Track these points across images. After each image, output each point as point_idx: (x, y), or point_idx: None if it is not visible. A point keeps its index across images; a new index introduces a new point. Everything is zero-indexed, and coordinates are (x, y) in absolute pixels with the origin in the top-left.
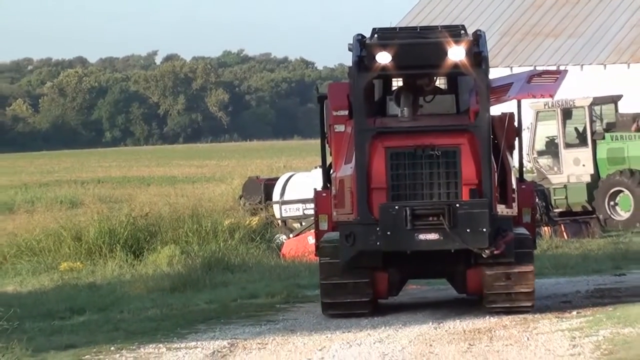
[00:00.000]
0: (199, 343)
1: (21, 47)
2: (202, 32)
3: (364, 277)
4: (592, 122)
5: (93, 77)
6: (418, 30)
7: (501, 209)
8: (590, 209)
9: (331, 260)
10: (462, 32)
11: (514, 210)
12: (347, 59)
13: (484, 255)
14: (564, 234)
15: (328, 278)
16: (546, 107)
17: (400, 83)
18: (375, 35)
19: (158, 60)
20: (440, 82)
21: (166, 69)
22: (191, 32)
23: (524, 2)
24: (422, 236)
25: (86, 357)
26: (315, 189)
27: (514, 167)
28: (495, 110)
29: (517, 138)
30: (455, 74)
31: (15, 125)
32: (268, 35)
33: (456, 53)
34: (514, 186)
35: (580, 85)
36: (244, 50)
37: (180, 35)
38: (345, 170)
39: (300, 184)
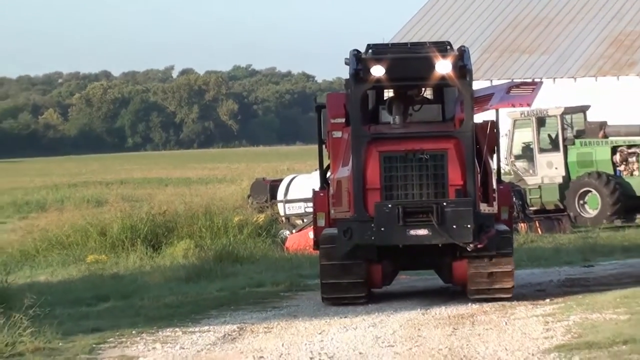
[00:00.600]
0: (211, 327)
1: (52, 61)
2: (214, 48)
3: (359, 268)
4: (563, 129)
5: (116, 89)
6: (408, 45)
7: (483, 207)
8: (561, 207)
9: (330, 253)
10: (448, 47)
11: (494, 208)
12: (344, 72)
13: (468, 249)
14: (539, 229)
15: (327, 270)
16: (522, 115)
17: (392, 93)
18: (370, 51)
19: (175, 73)
20: (428, 93)
21: (182, 82)
22: (204, 48)
23: (503, 22)
24: (412, 232)
25: (110, 339)
26: (313, 189)
27: (494, 169)
28: (478, 118)
29: (497, 143)
30: (441, 85)
31: (47, 132)
32: (273, 52)
33: (443, 66)
34: (494, 186)
35: (552, 97)
36: (252, 65)
37: (195, 51)
38: (343, 172)
39: (302, 185)
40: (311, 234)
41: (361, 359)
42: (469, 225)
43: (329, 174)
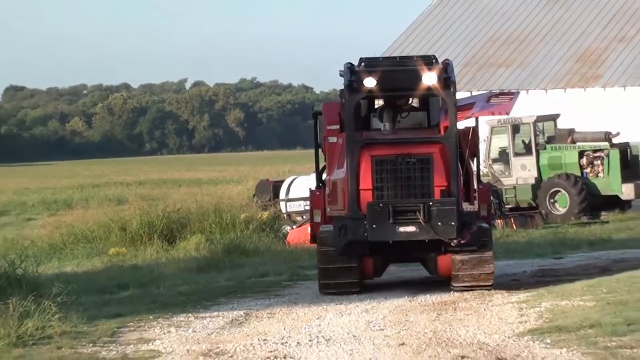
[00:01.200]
0: (220, 313)
1: (78, 74)
2: (223, 62)
3: (353, 261)
4: (536, 135)
5: (135, 99)
6: (397, 59)
7: (466, 206)
8: (534, 205)
9: (327, 248)
10: (434, 61)
11: (475, 207)
12: (340, 84)
13: (452, 244)
14: (513, 225)
15: (324, 263)
16: (499, 123)
17: (382, 102)
18: (363, 64)
19: (188, 85)
20: (415, 102)
21: (194, 93)
22: (214, 63)
23: (481, 39)
24: (401, 229)
25: (130, 324)
26: (310, 189)
27: (475, 171)
28: (461, 125)
29: (478, 148)
30: (427, 95)
31: (73, 138)
32: (276, 65)
33: (429, 78)
34: (475, 187)
35: (526, 106)
36: (257, 77)
37: (206, 65)
38: (338, 174)
39: (302, 185)
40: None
41: (355, 342)
42: (452, 223)
43: (324, 175)
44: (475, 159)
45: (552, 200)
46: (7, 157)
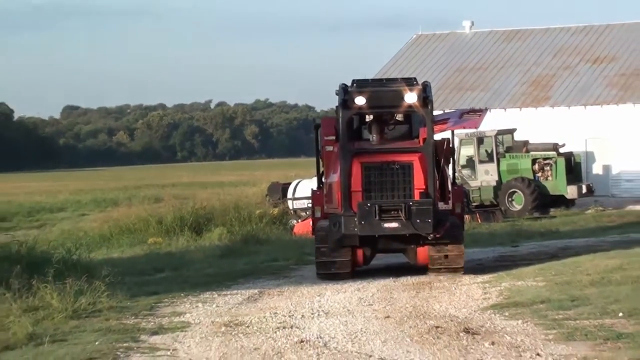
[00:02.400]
0: (239, 291)
1: (123, 95)
2: (241, 86)
3: (347, 252)
4: (497, 146)
5: (169, 116)
6: (384, 81)
7: (441, 205)
8: (495, 203)
9: (323, 240)
10: (415, 82)
11: (450, 206)
12: (336, 102)
13: (429, 238)
14: (478, 219)
15: (321, 254)
16: (467, 136)
17: (371, 117)
18: (354, 84)
19: (212, 105)
20: (399, 117)
21: (217, 111)
22: (234, 86)
23: (452, 68)
24: (386, 224)
25: (165, 300)
26: (312, 189)
27: (449, 175)
28: (437, 136)
29: (451, 156)
30: (409, 111)
31: (118, 148)
32: (285, 88)
33: (410, 97)
34: (450, 188)
35: (488, 123)
36: (269, 98)
37: (227, 88)
38: (333, 178)
39: (306, 186)
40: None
41: (349, 314)
42: (429, 220)
43: (323, 178)
44: (450, 165)
45: (510, 199)
46: (65, 164)
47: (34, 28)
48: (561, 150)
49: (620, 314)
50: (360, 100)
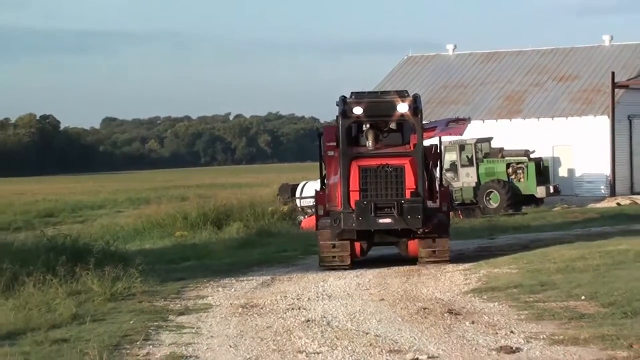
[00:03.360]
0: (254, 277)
1: (154, 108)
2: (256, 100)
3: (346, 245)
4: (476, 152)
5: (194, 127)
6: (379, 93)
7: (430, 203)
8: (475, 201)
9: (325, 234)
10: (406, 94)
11: (437, 204)
12: (335, 111)
13: (419, 232)
14: (460, 215)
15: (323, 247)
16: (450, 143)
17: (368, 125)
18: (352, 96)
19: (231, 117)
20: (392, 125)
21: (235, 122)
22: (250, 100)
23: (437, 85)
24: (381, 220)
25: (190, 285)
26: (315, 190)
27: (437, 177)
28: (427, 142)
29: (439, 160)
30: (402, 120)
31: (150, 154)
32: (294, 102)
33: (402, 107)
34: (437, 189)
35: (469, 132)
36: (280, 111)
37: (244, 101)
38: (334, 179)
39: (311, 187)
40: None
41: (348, 297)
42: (419, 216)
43: (326, 179)
44: (437, 168)
45: (487, 198)
46: (104, 168)
47: (77, 51)
48: (531, 155)
49: (583, 297)
50: (357, 110)
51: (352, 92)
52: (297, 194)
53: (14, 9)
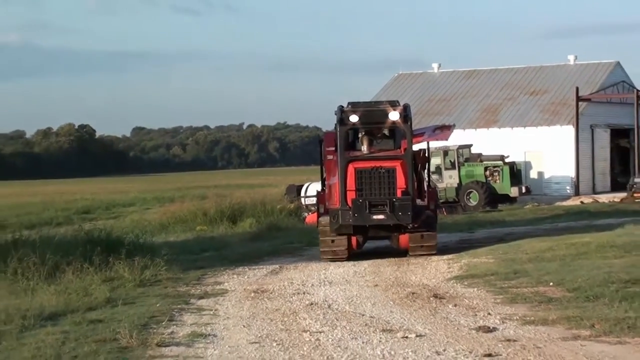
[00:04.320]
0: (264, 266)
1: (177, 119)
2: (266, 112)
3: (344, 239)
4: (458, 157)
5: (212, 135)
6: (373, 103)
7: (418, 201)
8: (457, 200)
9: (325, 230)
10: (397, 104)
11: (425, 202)
12: (334, 119)
13: (409, 227)
14: (444, 212)
15: (324, 241)
16: (435, 149)
17: (363, 131)
18: (349, 106)
19: (244, 126)
20: (385, 131)
21: (248, 131)
22: (261, 112)
23: (423, 99)
24: (375, 216)
25: (209, 273)
26: (317, 190)
27: (425, 178)
28: (416, 147)
29: (427, 163)
30: (393, 127)
31: (174, 159)
32: (300, 113)
33: (394, 115)
34: (426, 189)
35: (452, 139)
36: (287, 121)
37: (256, 113)
38: (333, 180)
39: (315, 187)
40: None
41: (346, 284)
42: (409, 213)
43: (326, 181)
44: (426, 170)
45: (467, 197)
46: (133, 171)
47: (111, 70)
48: (506, 160)
49: (551, 284)
50: (353, 118)
51: (348, 102)
52: (302, 194)
53: (60, 34)
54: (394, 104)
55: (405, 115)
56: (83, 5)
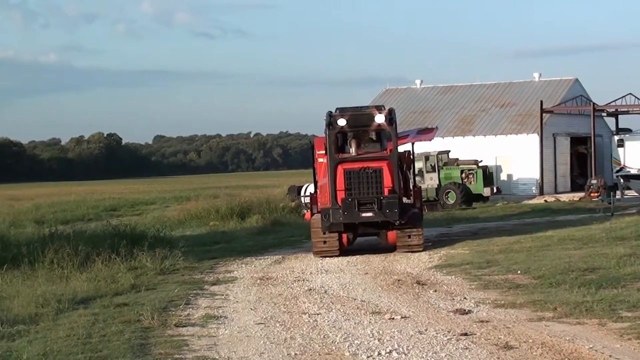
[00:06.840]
0: (268, 257)
1: (193, 127)
2: (271, 122)
3: (335, 236)
4: (437, 161)
5: (223, 142)
6: (360, 108)
7: (405, 200)
8: (437, 199)
9: (317, 228)
10: (383, 108)
11: (411, 200)
12: (323, 123)
13: (396, 224)
14: (425, 210)
15: (316, 238)
16: (418, 154)
17: (351, 135)
18: (338, 110)
19: (252, 134)
20: (372, 134)
21: (255, 139)
22: (266, 122)
23: (408, 111)
24: (364, 214)
25: (220, 263)
26: (311, 192)
27: (410, 178)
28: (401, 148)
29: (412, 164)
30: (379, 130)
31: (190, 164)
32: (300, 123)
33: (380, 118)
34: (412, 188)
35: (432, 146)
36: (289, 130)
37: (262, 123)
38: (324, 181)
39: (313, 188)
40: None
41: (340, 272)
42: (396, 210)
43: (317, 182)
44: (411, 171)
45: (446, 196)
46: (155, 174)
47: (136, 85)
48: (480, 164)
49: (519, 272)
50: (341, 122)
51: (337, 108)
52: (302, 193)
53: (93, 55)
54: (379, 108)
55: (390, 118)
56: (113, 31)
